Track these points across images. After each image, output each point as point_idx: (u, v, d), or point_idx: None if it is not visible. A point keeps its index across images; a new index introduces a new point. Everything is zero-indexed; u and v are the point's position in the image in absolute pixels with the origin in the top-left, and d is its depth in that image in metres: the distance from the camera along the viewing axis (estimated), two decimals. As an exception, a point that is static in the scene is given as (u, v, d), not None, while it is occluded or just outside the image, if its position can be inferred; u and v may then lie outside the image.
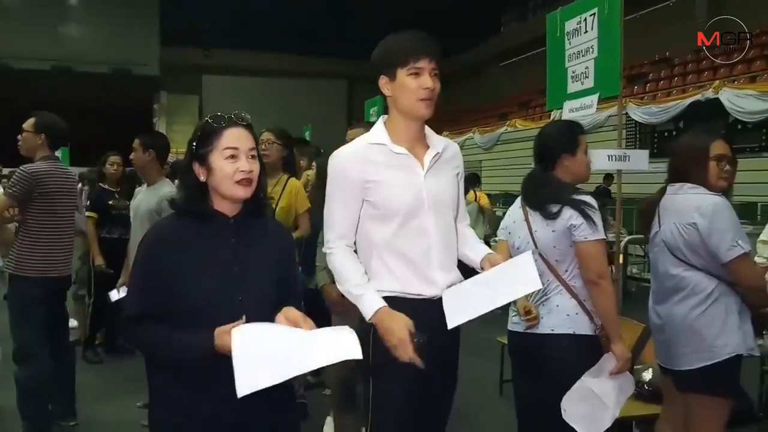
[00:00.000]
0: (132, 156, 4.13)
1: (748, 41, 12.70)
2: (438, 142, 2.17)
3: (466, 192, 6.70)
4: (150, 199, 3.96)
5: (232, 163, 1.82)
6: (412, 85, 2.01)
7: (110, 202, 5.52)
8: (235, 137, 1.84)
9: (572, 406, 2.44)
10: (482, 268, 2.15)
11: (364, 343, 2.08)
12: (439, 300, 2.08)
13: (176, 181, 3.95)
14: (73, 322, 5.93)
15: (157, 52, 22.46)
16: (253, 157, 1.86)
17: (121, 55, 21.48)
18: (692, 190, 2.59)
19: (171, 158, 5.77)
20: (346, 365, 1.92)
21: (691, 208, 2.53)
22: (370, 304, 2.02)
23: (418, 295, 2.07)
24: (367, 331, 2.03)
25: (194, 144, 1.86)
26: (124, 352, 5.68)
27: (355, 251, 2.15)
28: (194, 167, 1.86)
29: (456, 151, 2.26)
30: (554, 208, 2.48)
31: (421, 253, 2.05)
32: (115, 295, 4.26)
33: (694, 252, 2.53)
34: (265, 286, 1.88)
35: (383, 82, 2.07)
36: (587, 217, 2.41)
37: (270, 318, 1.81)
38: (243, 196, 1.85)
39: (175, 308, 1.78)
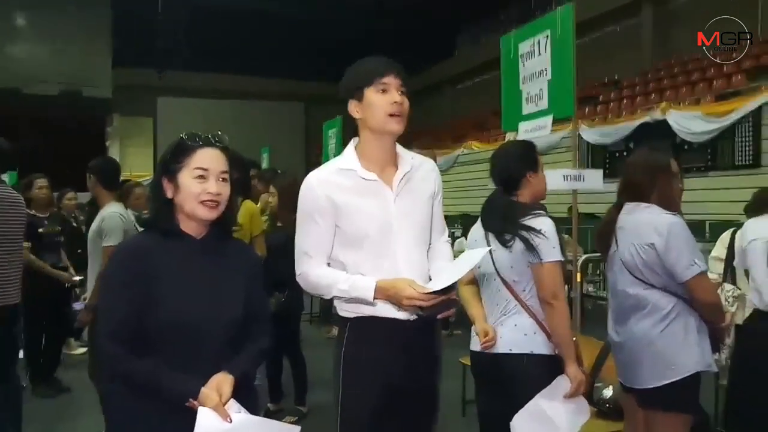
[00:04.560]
0: None
1: (690, 64, 13.25)
2: (408, 160, 2.17)
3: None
4: (95, 222, 3.92)
5: (200, 183, 1.81)
6: (381, 102, 2.04)
7: (40, 230, 5.24)
8: (207, 158, 1.84)
9: (522, 425, 2.44)
10: None
11: (337, 361, 2.13)
12: (414, 322, 2.09)
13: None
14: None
15: (109, 73, 22.02)
16: (224, 180, 1.86)
17: (72, 76, 20.98)
18: (648, 210, 2.62)
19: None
20: None
21: (648, 227, 2.56)
22: (364, 289, 2.00)
23: (392, 317, 2.07)
24: (340, 345, 2.12)
25: (166, 159, 1.85)
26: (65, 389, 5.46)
27: None
28: (163, 183, 1.85)
29: (430, 167, 2.25)
30: (507, 236, 2.53)
31: (389, 275, 2.03)
32: (78, 305, 4.35)
33: (652, 271, 2.55)
34: (232, 306, 1.87)
35: (352, 106, 2.09)
36: (532, 245, 2.44)
37: (239, 339, 1.86)
38: (206, 217, 1.84)
39: (146, 329, 1.76)
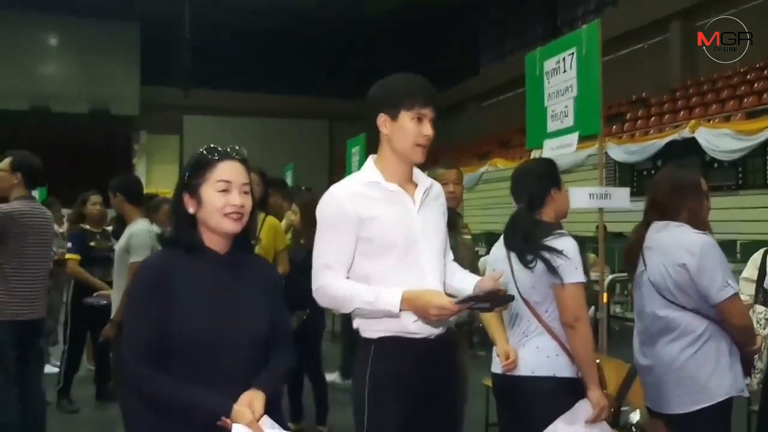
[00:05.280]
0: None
1: (721, 82, 13.08)
2: (424, 179, 2.21)
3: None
4: (123, 238, 3.94)
5: (223, 196, 1.79)
6: (414, 130, 2.06)
7: (91, 243, 5.41)
8: (228, 170, 1.82)
9: None
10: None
11: (361, 381, 2.10)
12: (438, 338, 2.10)
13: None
14: (50, 368, 5.77)
15: (137, 92, 22.44)
16: (246, 192, 1.84)
17: (101, 94, 21.44)
18: (678, 229, 2.56)
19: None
20: None
21: (679, 247, 2.50)
22: (390, 300, 1.98)
23: (416, 333, 2.06)
24: (364, 366, 2.08)
25: (186, 175, 1.83)
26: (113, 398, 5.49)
27: None
28: (184, 198, 1.83)
29: (439, 190, 2.29)
30: (529, 257, 2.48)
31: (416, 287, 2.01)
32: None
33: (684, 292, 2.49)
34: (257, 322, 1.85)
35: (382, 120, 2.09)
36: (553, 266, 2.40)
37: (262, 355, 1.83)
38: (232, 230, 1.82)
39: (172, 346, 1.74)
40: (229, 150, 1.86)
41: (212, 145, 1.87)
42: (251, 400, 1.73)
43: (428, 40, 22.73)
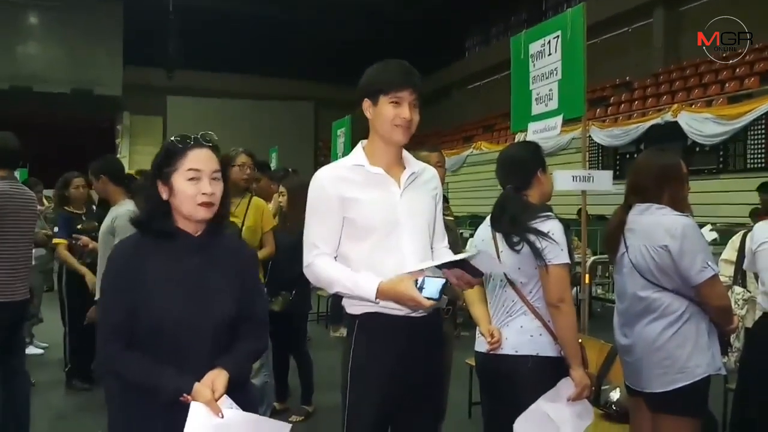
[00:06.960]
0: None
1: (703, 67, 13.17)
2: (415, 164, 2.26)
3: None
4: (107, 219, 3.91)
5: (194, 185, 1.82)
6: (391, 113, 2.12)
7: (78, 227, 5.32)
8: (198, 159, 1.84)
9: (525, 427, 2.43)
10: None
11: (345, 358, 2.16)
12: (426, 318, 2.13)
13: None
14: (34, 350, 5.74)
15: (120, 72, 22.13)
16: (215, 179, 1.86)
17: (83, 75, 21.11)
18: (660, 211, 2.60)
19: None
20: None
21: (661, 229, 2.54)
22: (367, 289, 2.04)
23: (400, 310, 2.09)
24: (349, 343, 2.16)
25: (158, 162, 1.86)
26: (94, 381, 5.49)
27: None
28: (158, 185, 1.86)
29: (433, 174, 2.35)
30: (515, 239, 2.52)
31: (395, 269, 2.06)
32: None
33: (665, 274, 2.53)
34: (228, 304, 1.87)
35: (366, 105, 2.17)
36: (538, 248, 2.44)
37: (229, 338, 1.87)
38: (203, 218, 1.86)
39: (140, 327, 1.78)
40: (199, 137, 1.88)
41: (184, 134, 1.89)
42: (213, 380, 1.76)
43: (413, 23, 22.60)
